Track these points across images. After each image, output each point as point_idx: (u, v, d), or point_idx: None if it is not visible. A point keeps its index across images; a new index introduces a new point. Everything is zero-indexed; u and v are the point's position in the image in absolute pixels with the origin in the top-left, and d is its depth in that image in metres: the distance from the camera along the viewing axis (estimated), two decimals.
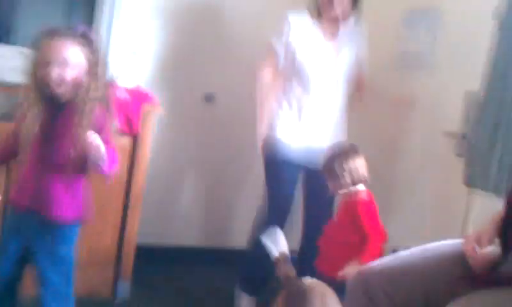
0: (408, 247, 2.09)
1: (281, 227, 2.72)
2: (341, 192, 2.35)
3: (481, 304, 1.55)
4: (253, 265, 2.76)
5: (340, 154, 2.33)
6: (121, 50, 2.87)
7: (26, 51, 1.91)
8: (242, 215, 3.27)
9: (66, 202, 1.94)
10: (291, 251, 2.94)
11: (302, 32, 2.63)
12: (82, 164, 1.91)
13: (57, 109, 1.90)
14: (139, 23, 3.04)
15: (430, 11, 2.98)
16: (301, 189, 2.80)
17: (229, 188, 3.37)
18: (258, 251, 2.73)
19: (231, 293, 2.85)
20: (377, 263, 1.86)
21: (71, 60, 1.83)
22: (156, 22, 3.09)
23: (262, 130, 2.65)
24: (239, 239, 3.08)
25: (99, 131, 1.87)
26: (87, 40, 1.89)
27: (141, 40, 3.05)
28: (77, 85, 1.86)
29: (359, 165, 2.31)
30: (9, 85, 2.44)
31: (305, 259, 2.68)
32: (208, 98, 3.22)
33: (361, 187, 2.32)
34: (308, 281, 1.54)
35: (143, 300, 2.80)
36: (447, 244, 1.83)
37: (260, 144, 2.67)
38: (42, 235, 1.93)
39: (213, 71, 3.18)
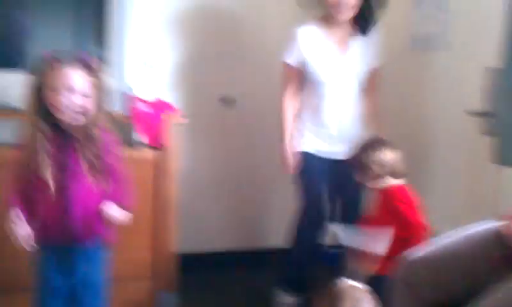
0: (440, 231, 2.11)
1: (321, 226, 2.78)
2: (371, 185, 2.34)
3: None
4: (294, 265, 2.80)
5: (368, 146, 2.33)
6: (138, 63, 2.88)
7: (27, 76, 1.88)
8: (275, 215, 3.31)
9: (91, 227, 1.94)
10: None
11: (312, 43, 2.63)
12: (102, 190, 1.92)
13: (65, 137, 1.89)
14: (154, 33, 3.06)
15: None
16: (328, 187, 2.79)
17: (259, 189, 3.37)
18: (298, 250, 2.79)
19: (271, 293, 2.88)
20: (416, 251, 1.87)
21: (77, 87, 1.82)
22: (171, 30, 3.11)
23: (286, 151, 2.69)
24: (273, 239, 3.11)
25: (107, 156, 1.90)
26: (89, 66, 1.87)
27: (158, 50, 3.06)
28: (83, 112, 1.85)
29: (389, 157, 2.29)
30: (22, 111, 2.46)
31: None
32: (228, 102, 3.22)
33: (394, 180, 2.30)
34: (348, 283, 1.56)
35: None
36: (483, 225, 1.83)
37: (285, 162, 2.70)
38: (73, 262, 1.95)
39: (233, 76, 3.19)
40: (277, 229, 2.97)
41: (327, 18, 2.63)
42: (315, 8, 2.63)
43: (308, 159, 2.71)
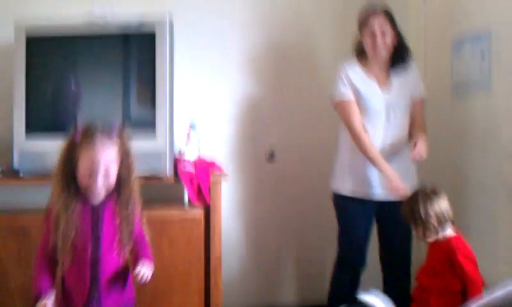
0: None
1: (357, 278, 2.74)
2: (430, 238, 2.27)
3: None
4: None
5: (424, 198, 2.26)
6: (182, 120, 2.98)
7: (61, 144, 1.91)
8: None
9: (120, 294, 1.98)
10: None
11: (357, 79, 2.69)
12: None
13: (94, 209, 1.91)
14: (196, 90, 3.19)
15: (480, 35, 2.96)
16: (376, 228, 2.79)
17: (315, 243, 3.39)
18: (333, 299, 2.75)
19: None
20: (470, 305, 1.81)
21: (104, 162, 1.84)
22: (213, 85, 3.24)
23: (391, 174, 2.60)
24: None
25: (135, 223, 1.94)
26: (122, 135, 1.92)
27: (199, 111, 3.19)
28: (107, 187, 1.88)
29: (443, 206, 2.24)
30: None
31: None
32: (271, 157, 3.28)
33: (449, 230, 2.25)
34: None
35: None
36: None
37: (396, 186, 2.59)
38: None
39: (274, 129, 3.25)
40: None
41: (366, 59, 2.74)
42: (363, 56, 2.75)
43: (348, 203, 2.71)
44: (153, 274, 2.57)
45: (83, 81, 2.71)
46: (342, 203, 2.75)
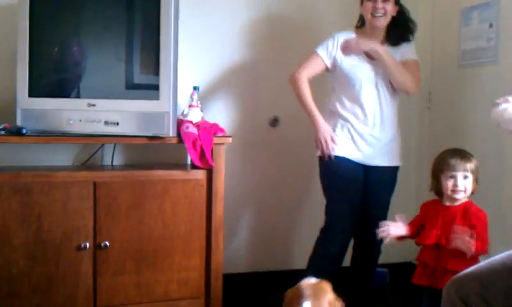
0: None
1: (345, 243, 2.77)
2: (458, 198, 2.31)
3: None
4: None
5: (462, 155, 2.32)
6: (185, 86, 2.97)
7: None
8: None
9: None
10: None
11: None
12: None
13: None
14: (201, 56, 3.18)
15: (489, 2, 2.92)
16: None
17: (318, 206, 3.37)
18: (317, 268, 2.76)
19: None
20: (472, 268, 1.83)
21: None
22: (217, 51, 3.21)
23: (323, 126, 2.67)
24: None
25: None
26: None
27: (204, 73, 3.18)
28: None
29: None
30: (81, 135, 2.58)
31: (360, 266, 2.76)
32: (274, 123, 3.28)
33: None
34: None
35: None
36: None
37: (323, 139, 2.66)
38: None
39: (277, 96, 3.24)
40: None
41: (364, 28, 2.75)
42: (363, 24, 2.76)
43: (341, 164, 2.70)
44: (154, 234, 2.61)
45: (87, 40, 2.68)
46: (330, 164, 2.74)
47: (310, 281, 1.86)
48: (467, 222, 2.24)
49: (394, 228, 2.36)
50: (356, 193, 2.72)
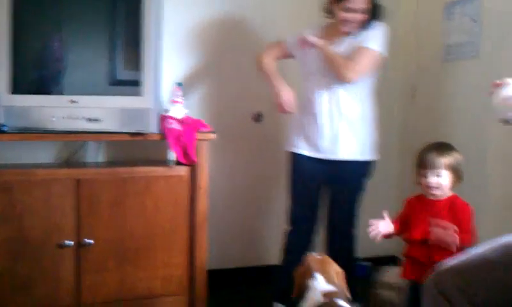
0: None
1: (309, 237, 2.80)
2: (446, 193, 2.31)
3: None
4: (283, 275, 2.74)
5: (443, 148, 2.32)
6: (171, 82, 2.96)
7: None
8: None
9: None
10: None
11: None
12: None
13: None
14: (183, 52, 3.17)
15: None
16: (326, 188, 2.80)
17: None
18: (287, 264, 2.77)
19: None
20: (451, 261, 1.83)
21: None
22: (201, 47, 3.21)
23: (281, 88, 2.68)
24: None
25: None
26: None
27: (186, 69, 3.17)
28: None
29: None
30: (62, 132, 2.56)
31: None
32: (257, 118, 3.27)
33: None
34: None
35: None
36: None
37: (281, 100, 2.67)
38: None
39: (261, 92, 3.22)
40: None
41: (332, 28, 2.70)
42: (332, 17, 2.70)
43: (298, 161, 2.73)
44: (137, 231, 2.60)
45: (69, 36, 2.64)
46: (295, 161, 2.76)
47: (313, 256, 2.10)
48: (453, 216, 2.25)
49: (383, 225, 2.37)
50: (312, 189, 2.75)
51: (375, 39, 2.59)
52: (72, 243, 2.54)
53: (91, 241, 2.56)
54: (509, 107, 1.85)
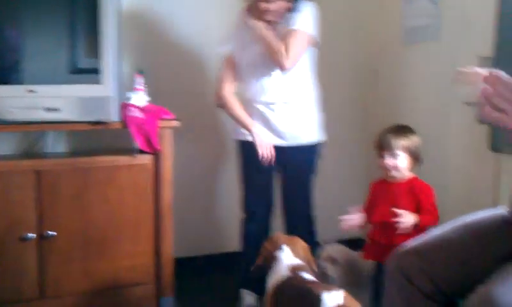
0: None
1: (265, 223, 2.82)
2: (406, 174, 2.35)
3: None
4: (244, 263, 2.78)
5: (400, 132, 2.36)
6: (129, 69, 2.92)
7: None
8: None
9: None
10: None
11: (239, 36, 2.67)
12: None
13: None
14: (147, 38, 3.12)
15: None
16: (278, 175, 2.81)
17: None
18: (247, 251, 2.79)
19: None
20: (411, 242, 1.86)
21: None
22: (162, 36, 3.16)
23: (255, 129, 2.63)
24: None
25: None
26: None
27: (151, 56, 3.13)
28: None
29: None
30: (21, 123, 2.49)
31: None
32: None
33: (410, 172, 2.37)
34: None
35: None
36: (481, 213, 1.82)
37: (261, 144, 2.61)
38: None
39: None
40: None
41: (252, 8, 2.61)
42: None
43: (246, 148, 2.71)
44: (101, 222, 2.56)
45: (26, 23, 2.56)
46: (243, 149, 2.76)
47: (281, 233, 2.22)
48: (413, 197, 2.29)
49: (351, 220, 2.40)
50: (262, 175, 2.74)
51: (304, 21, 2.55)
52: (35, 236, 2.50)
53: (54, 233, 2.52)
54: (473, 91, 1.89)
